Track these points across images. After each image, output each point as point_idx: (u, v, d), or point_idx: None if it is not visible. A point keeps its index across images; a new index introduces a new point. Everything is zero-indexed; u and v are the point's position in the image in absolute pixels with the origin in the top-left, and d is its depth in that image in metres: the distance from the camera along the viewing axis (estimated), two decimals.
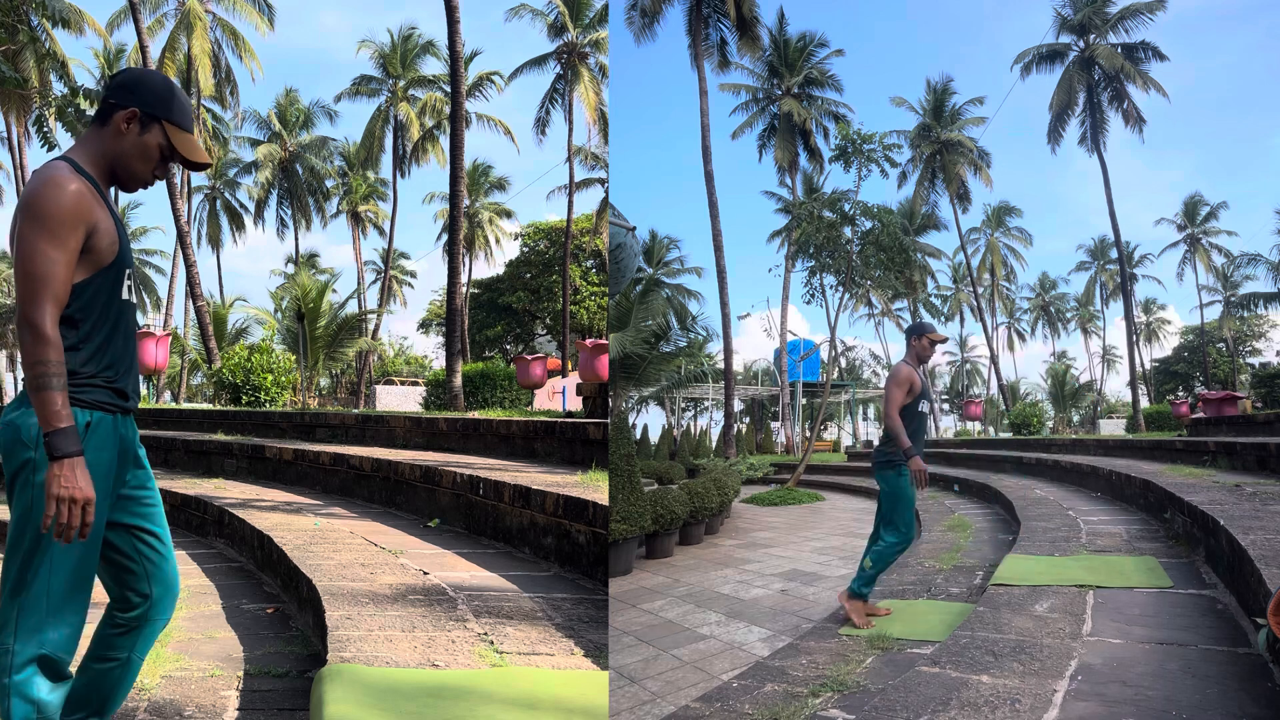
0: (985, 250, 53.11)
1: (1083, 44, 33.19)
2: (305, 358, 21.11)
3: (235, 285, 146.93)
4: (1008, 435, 27.12)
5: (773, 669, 3.71)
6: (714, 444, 28.75)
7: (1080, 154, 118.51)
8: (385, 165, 44.86)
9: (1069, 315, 62.39)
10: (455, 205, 16.82)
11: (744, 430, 31.34)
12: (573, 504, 4.33)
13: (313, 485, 7.60)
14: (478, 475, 5.35)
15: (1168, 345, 61.22)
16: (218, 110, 39.78)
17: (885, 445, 4.83)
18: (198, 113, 35.72)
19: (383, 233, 50.45)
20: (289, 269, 49.78)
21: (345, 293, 54.00)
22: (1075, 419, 53.07)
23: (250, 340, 33.57)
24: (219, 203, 47.56)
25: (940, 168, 39.38)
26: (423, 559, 4.45)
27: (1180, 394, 49.13)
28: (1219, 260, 51.78)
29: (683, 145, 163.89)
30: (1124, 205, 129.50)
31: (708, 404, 43.21)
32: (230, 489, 7.42)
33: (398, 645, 2.89)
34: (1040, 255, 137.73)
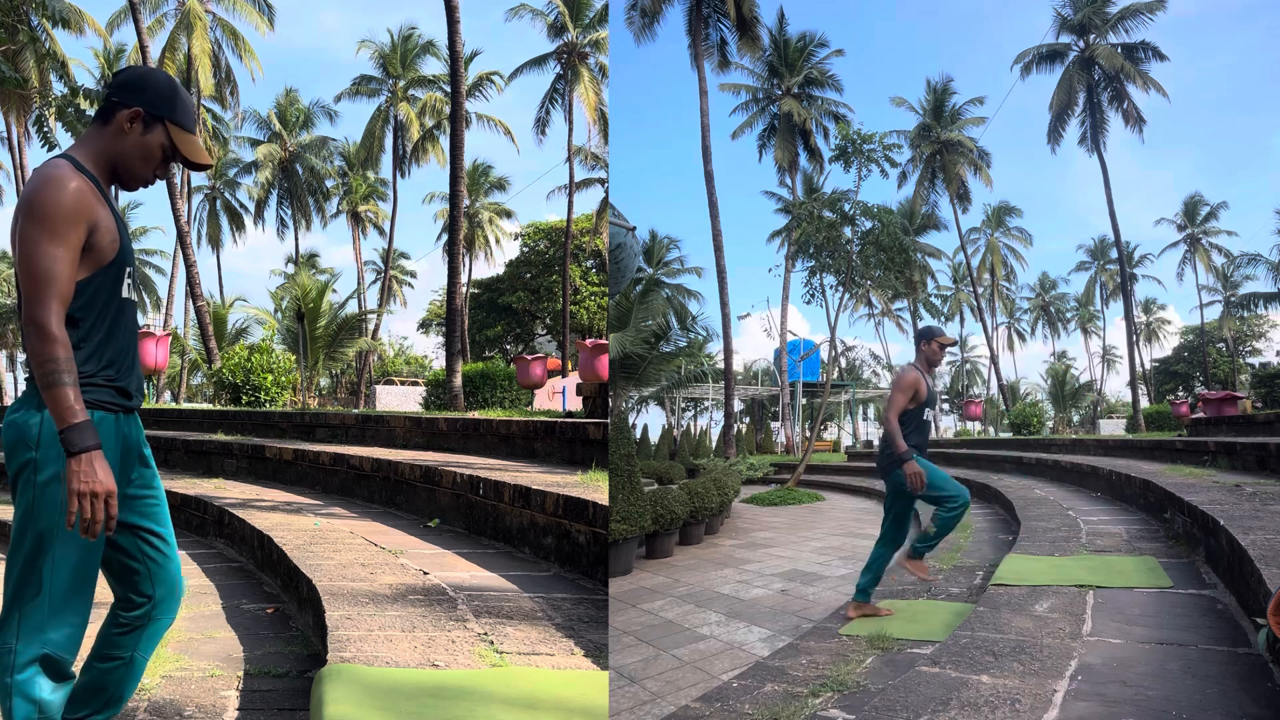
0: (985, 250, 53.14)
1: (1083, 44, 33.20)
2: (305, 358, 21.11)
3: (235, 285, 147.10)
4: (1008, 435, 27.13)
5: (773, 669, 3.71)
6: (714, 444, 28.75)
7: (1080, 154, 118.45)
8: (385, 165, 44.96)
9: (1069, 315, 62.42)
10: (455, 205, 16.82)
11: (744, 430, 31.35)
12: (573, 504, 4.33)
13: (313, 485, 7.60)
14: (478, 475, 5.36)
15: (1168, 345, 61.29)
16: (218, 110, 39.82)
17: (889, 447, 4.79)
18: (198, 113, 35.67)
19: (383, 233, 50.52)
20: (289, 269, 49.81)
21: (345, 293, 54.06)
22: (1075, 419, 53.08)
23: (250, 340, 33.60)
24: (219, 203, 47.58)
25: (940, 168, 39.39)
26: (423, 559, 4.45)
27: (1180, 394, 49.13)
28: (1219, 260, 51.83)
29: (683, 145, 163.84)
30: (1124, 205, 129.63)
31: (708, 404, 43.22)
32: (230, 489, 7.42)
33: (398, 645, 2.89)
34: (1040, 255, 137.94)
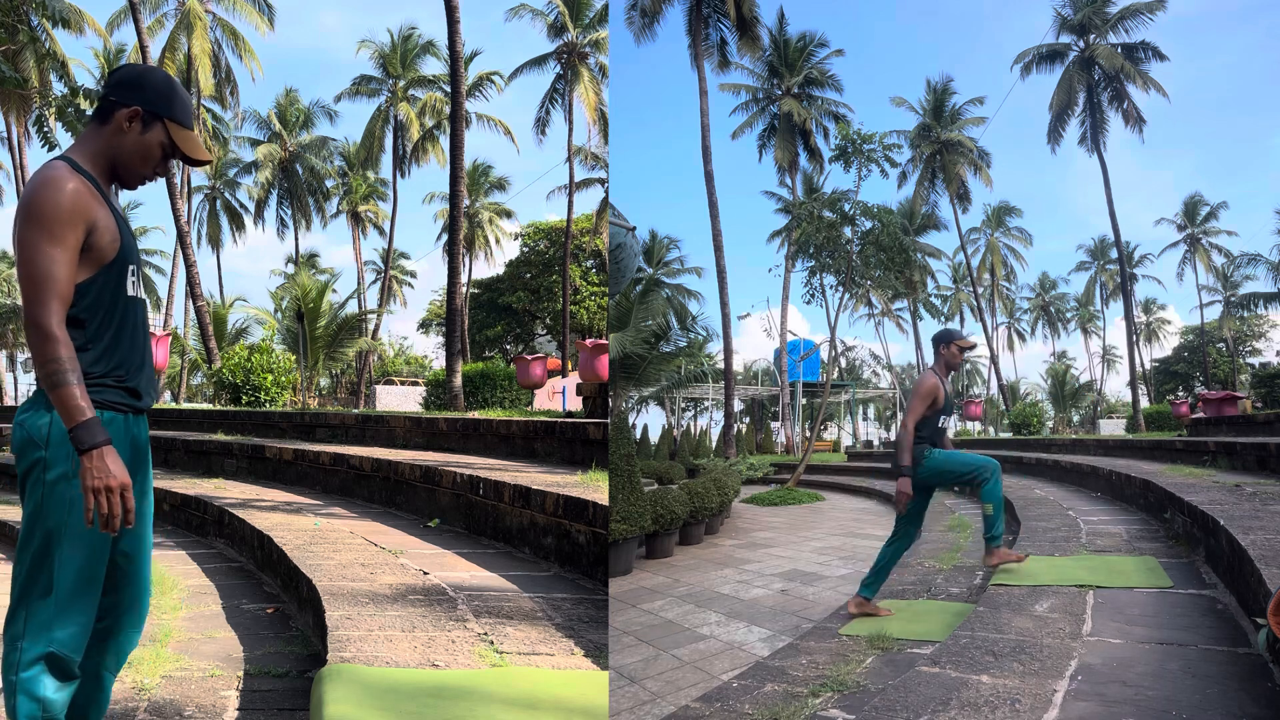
0: (985, 250, 53.15)
1: (1083, 44, 33.20)
2: (305, 358, 21.11)
3: (235, 285, 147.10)
4: (1008, 435, 27.13)
5: (773, 669, 3.71)
6: (714, 444, 28.75)
7: (1080, 154, 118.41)
8: (385, 165, 44.95)
9: (1069, 315, 62.42)
10: (455, 205, 16.82)
11: (744, 430, 31.34)
12: (573, 504, 4.33)
13: (313, 485, 7.60)
14: (478, 475, 5.36)
15: (1168, 345, 61.29)
16: (218, 110, 39.81)
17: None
18: (198, 112, 35.71)
19: (383, 233, 50.52)
20: (289, 269, 49.81)
21: (345, 293, 54.04)
22: (1075, 419, 53.06)
23: (250, 340, 33.59)
24: (219, 203, 47.58)
25: (940, 168, 39.38)
26: (423, 559, 4.45)
27: (1180, 394, 49.12)
28: (1219, 260, 51.83)
29: (683, 145, 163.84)
30: (1124, 205, 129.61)
31: (708, 404, 43.21)
32: (230, 489, 7.42)
33: (398, 645, 2.89)
34: (1040, 255, 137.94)
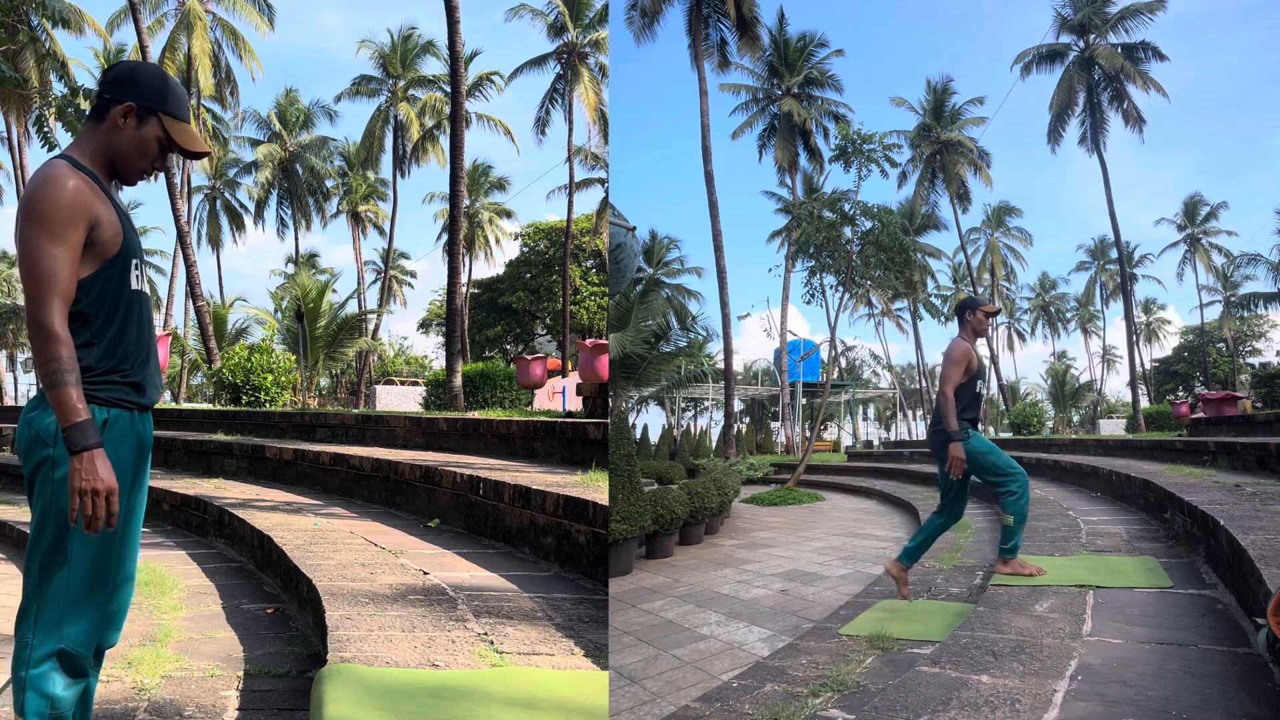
0: (985, 250, 53.14)
1: (1083, 44, 33.20)
2: (305, 358, 21.11)
3: (235, 285, 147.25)
4: (1008, 435, 27.13)
5: (773, 669, 3.71)
6: (714, 444, 28.74)
7: (1080, 154, 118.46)
8: (385, 165, 44.95)
9: (1069, 315, 62.42)
10: (455, 205, 16.82)
11: (744, 430, 31.34)
12: (573, 504, 4.32)
13: (313, 485, 7.60)
14: (478, 475, 5.36)
15: (1168, 345, 61.29)
16: (218, 110, 39.81)
17: (939, 423, 4.78)
18: (198, 112, 35.72)
19: (383, 233, 50.52)
20: (289, 269, 49.82)
21: (345, 293, 54.07)
22: (1075, 419, 53.08)
23: (250, 340, 33.59)
24: (219, 203, 47.58)
25: (940, 168, 39.38)
26: (423, 559, 4.45)
27: (1180, 394, 49.14)
28: (1219, 260, 51.84)
29: (683, 145, 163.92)
30: (1124, 205, 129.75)
31: (708, 404, 43.21)
32: (230, 489, 7.42)
33: (398, 645, 2.89)
34: (1040, 255, 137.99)
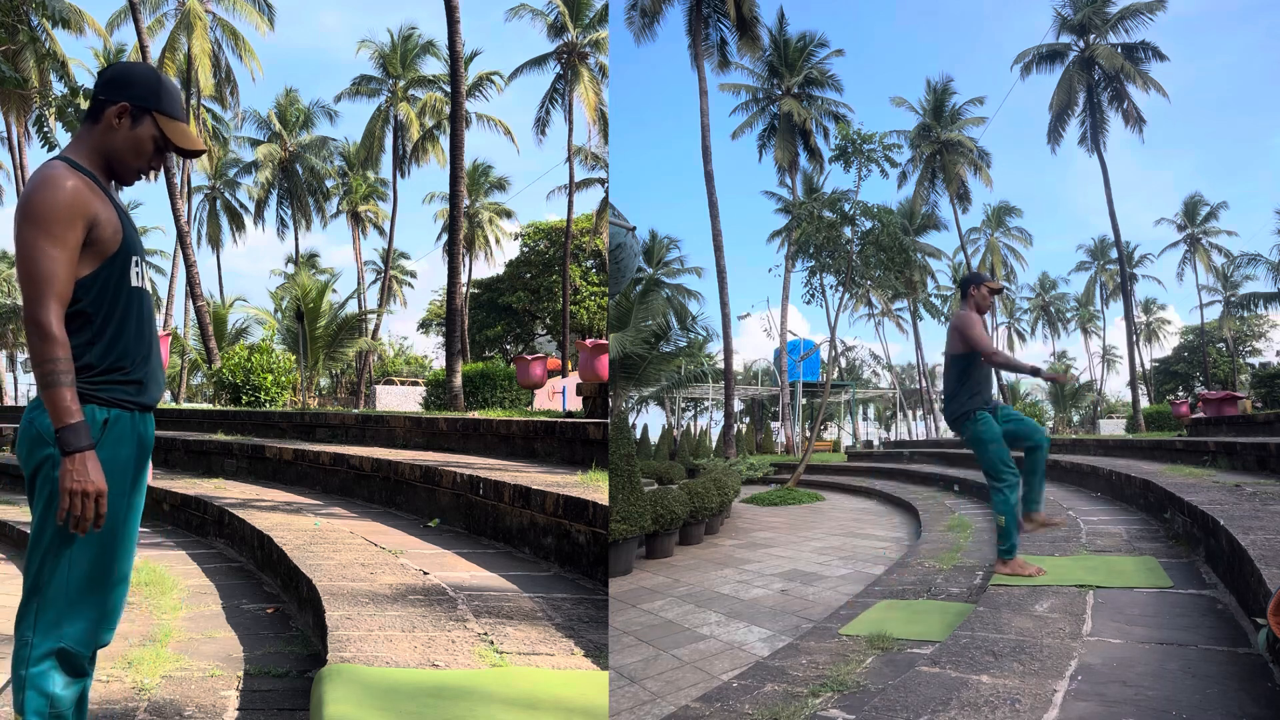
0: (985, 250, 53.08)
1: (1083, 44, 33.19)
2: (305, 358, 21.11)
3: (235, 285, 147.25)
4: None
5: (773, 669, 3.71)
6: (714, 444, 28.74)
7: (1080, 154, 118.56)
8: (385, 165, 44.94)
9: (1069, 315, 62.37)
10: (455, 205, 16.81)
11: (744, 430, 31.34)
12: (573, 504, 4.32)
13: (313, 485, 7.60)
14: (478, 475, 5.35)
15: (1168, 345, 61.26)
16: (218, 110, 39.82)
17: (951, 402, 4.80)
18: (198, 112, 35.72)
19: (383, 233, 50.52)
20: (289, 269, 49.82)
21: (345, 293, 54.09)
22: (1075, 419, 53.09)
23: (250, 340, 33.59)
24: (219, 203, 47.57)
25: (940, 168, 39.38)
26: (423, 559, 4.45)
27: (1180, 394, 49.13)
28: (1219, 260, 51.81)
29: (683, 145, 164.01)
30: (1124, 205, 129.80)
31: (708, 404, 43.21)
32: (230, 489, 7.42)
33: (398, 645, 2.89)
34: (1040, 255, 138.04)
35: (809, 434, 28.74)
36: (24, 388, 52.47)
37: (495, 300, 44.61)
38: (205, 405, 18.89)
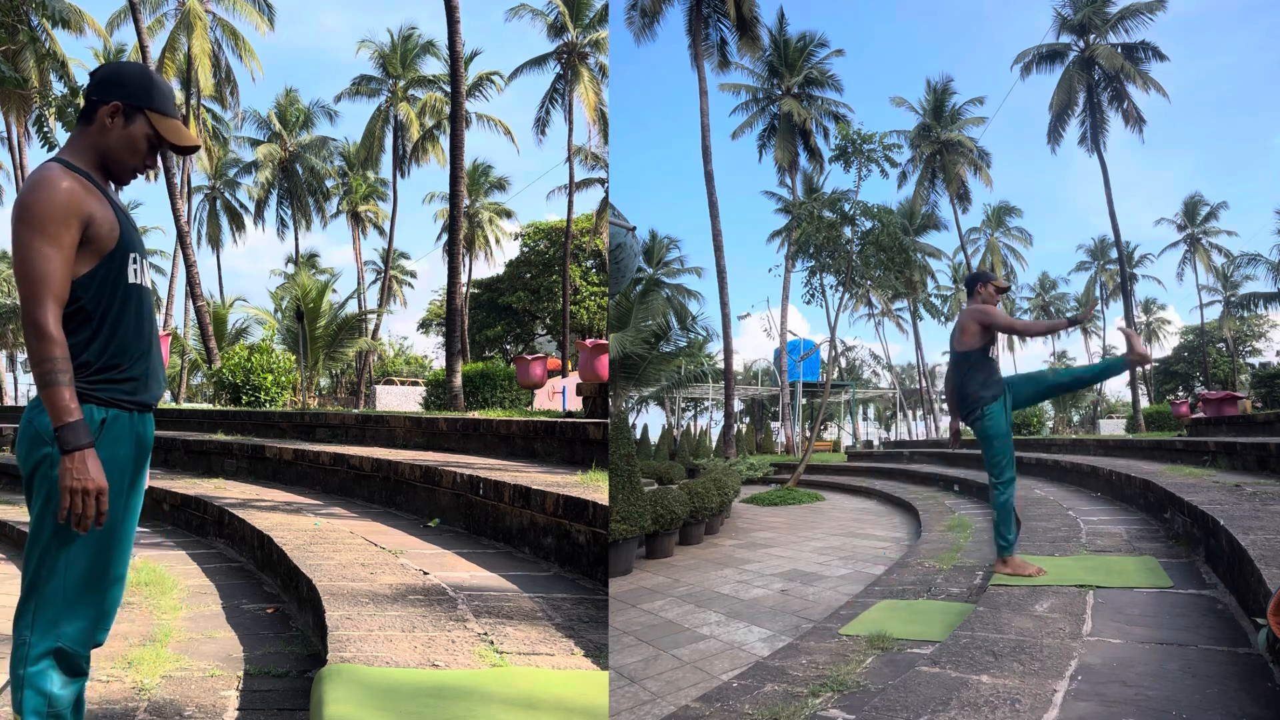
0: (985, 250, 53.07)
1: (1083, 44, 33.19)
2: (305, 358, 21.11)
3: (235, 285, 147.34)
4: None
5: (773, 669, 3.71)
6: (714, 444, 28.74)
7: (1080, 154, 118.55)
8: (385, 165, 44.93)
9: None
10: (455, 205, 16.82)
11: (744, 430, 31.34)
12: (573, 504, 4.32)
13: (313, 485, 7.60)
14: (478, 475, 5.35)
15: (1168, 345, 61.22)
16: (218, 110, 39.82)
17: (964, 401, 4.83)
18: (198, 112, 35.71)
19: (383, 233, 50.52)
20: (289, 269, 49.82)
21: (345, 293, 54.09)
22: (1075, 419, 53.08)
23: (250, 340, 33.59)
24: (219, 203, 47.57)
25: (940, 168, 39.38)
26: (423, 559, 4.45)
27: (1180, 394, 49.14)
28: (1219, 260, 51.80)
29: (683, 145, 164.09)
30: (1124, 205, 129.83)
31: (708, 404, 43.21)
32: (230, 489, 7.42)
33: (398, 645, 2.89)
34: (1040, 255, 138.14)
35: (809, 434, 28.75)
36: (24, 388, 52.45)
37: (495, 300, 44.61)
38: (205, 405, 18.89)
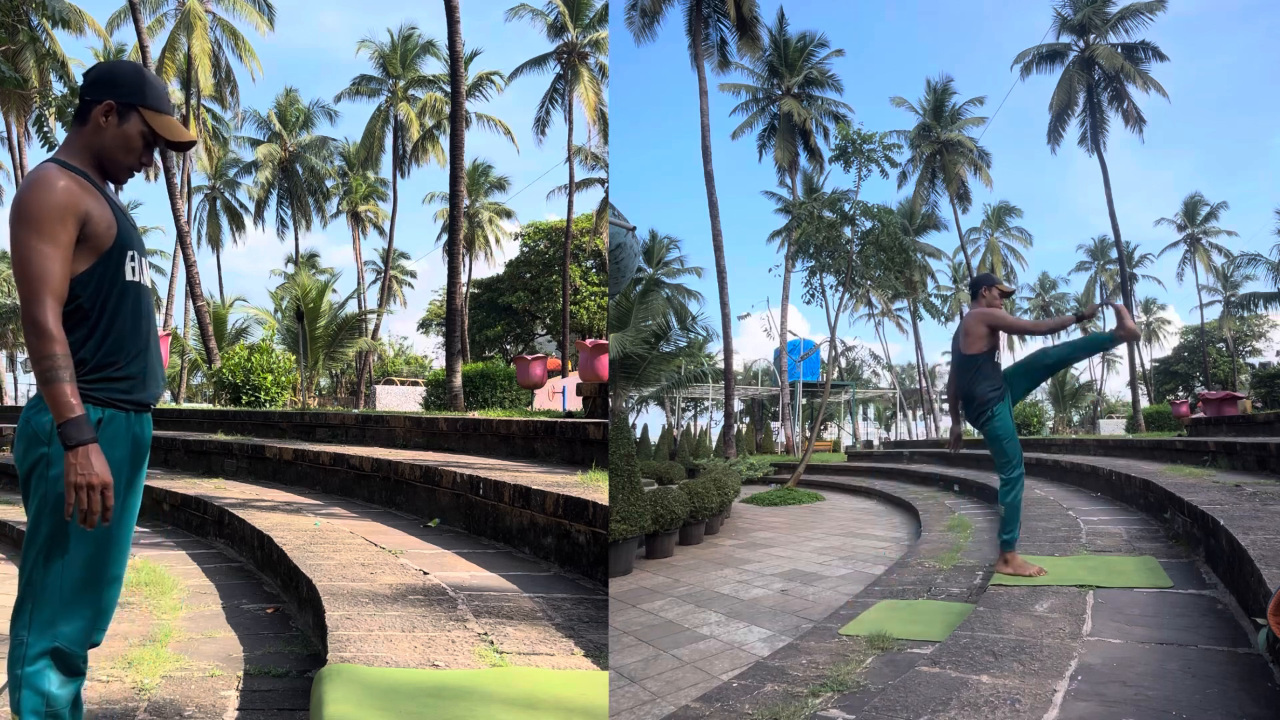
0: (985, 250, 53.07)
1: (1083, 44, 33.19)
2: (305, 358, 21.11)
3: (235, 285, 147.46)
4: None
5: (773, 669, 3.70)
6: (714, 444, 28.74)
7: (1080, 154, 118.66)
8: (385, 165, 44.93)
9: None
10: (455, 205, 16.82)
11: (744, 430, 31.34)
12: (573, 504, 4.32)
13: (313, 485, 7.60)
14: (478, 475, 5.35)
15: (1168, 345, 61.25)
16: (218, 110, 39.80)
17: (970, 403, 4.84)
18: (198, 112, 35.71)
19: (383, 233, 50.52)
20: (289, 269, 49.82)
21: (345, 293, 54.09)
22: (1075, 419, 53.07)
23: (250, 340, 33.59)
24: (219, 203, 47.57)
25: (940, 168, 39.37)
26: (423, 559, 4.45)
27: (1180, 394, 49.14)
28: (1219, 260, 51.79)
29: (683, 145, 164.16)
30: (1124, 205, 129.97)
31: (708, 404, 43.21)
32: (230, 489, 7.42)
33: (398, 645, 2.89)
34: (1040, 255, 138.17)
35: (809, 434, 28.74)
36: (24, 387, 52.45)
37: (495, 300, 44.61)
38: (205, 405, 18.89)
